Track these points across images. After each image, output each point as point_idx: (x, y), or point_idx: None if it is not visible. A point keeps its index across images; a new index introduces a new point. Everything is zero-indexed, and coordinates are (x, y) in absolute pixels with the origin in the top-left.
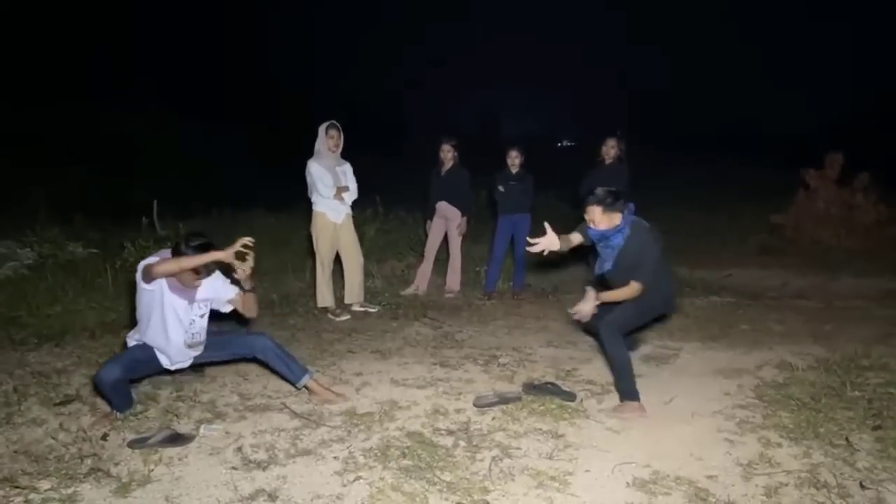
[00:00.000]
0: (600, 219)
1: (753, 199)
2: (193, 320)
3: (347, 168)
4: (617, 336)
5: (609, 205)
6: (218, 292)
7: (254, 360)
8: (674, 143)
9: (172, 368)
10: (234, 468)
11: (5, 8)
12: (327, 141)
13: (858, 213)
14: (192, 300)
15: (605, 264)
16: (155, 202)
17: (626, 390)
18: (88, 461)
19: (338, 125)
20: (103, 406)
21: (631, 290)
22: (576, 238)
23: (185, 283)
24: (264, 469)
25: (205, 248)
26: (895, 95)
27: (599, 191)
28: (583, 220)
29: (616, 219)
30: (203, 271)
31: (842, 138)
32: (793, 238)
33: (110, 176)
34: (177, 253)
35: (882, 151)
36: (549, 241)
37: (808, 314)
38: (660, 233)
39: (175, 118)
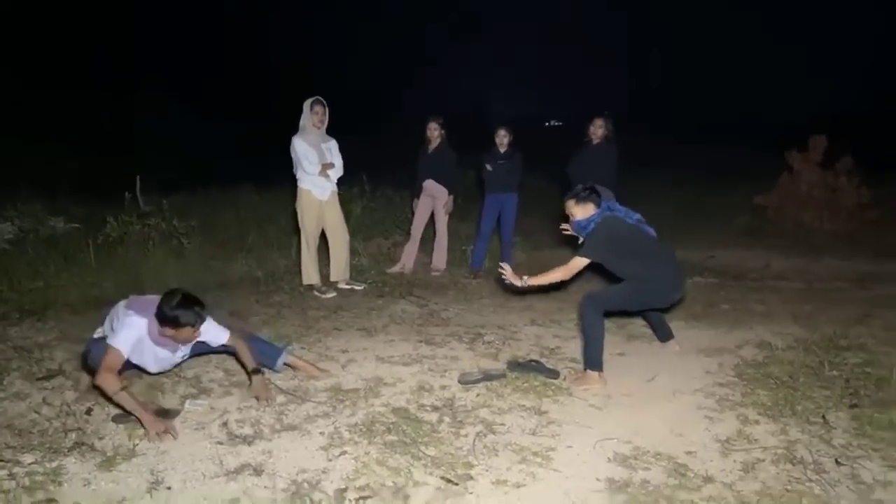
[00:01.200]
0: (574, 210)
1: (742, 182)
2: (175, 362)
3: (333, 145)
4: (595, 307)
5: (582, 197)
6: (209, 339)
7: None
8: (669, 129)
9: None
10: (219, 443)
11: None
12: (312, 117)
13: (841, 195)
14: (175, 350)
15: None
16: (138, 177)
17: (592, 359)
18: (73, 435)
19: (322, 101)
20: (87, 380)
21: (565, 269)
22: None
23: (169, 341)
24: (249, 444)
25: (189, 307)
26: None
27: (577, 187)
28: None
29: (589, 209)
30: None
31: (839, 129)
32: (776, 220)
33: (100, 154)
34: (160, 317)
35: (877, 142)
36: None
37: (789, 295)
38: (648, 225)
39: (171, 103)
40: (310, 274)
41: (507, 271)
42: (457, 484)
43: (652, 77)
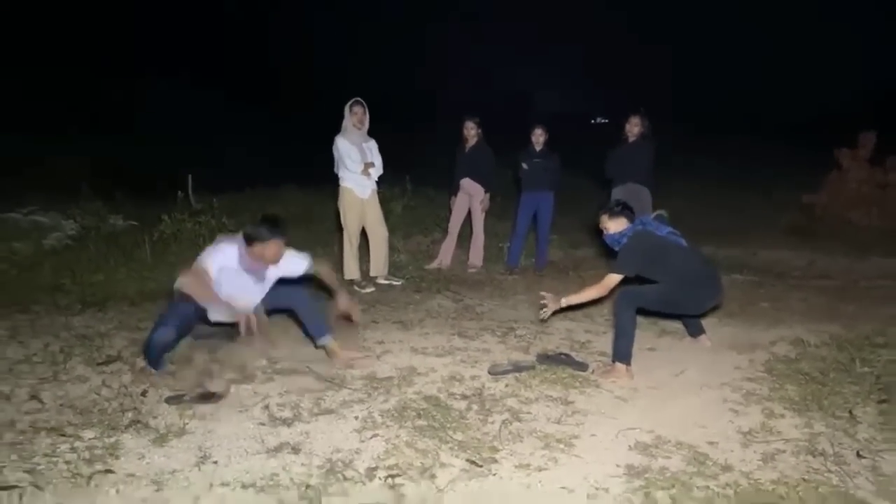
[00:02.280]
0: (607, 224)
1: (786, 178)
2: (257, 292)
3: (373, 145)
4: (629, 303)
5: (615, 212)
6: (291, 268)
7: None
8: (710, 124)
9: (219, 320)
10: (261, 424)
11: None
12: (352, 117)
13: (891, 192)
14: (261, 279)
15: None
16: (190, 177)
17: (621, 351)
18: (129, 414)
19: (362, 102)
20: (142, 365)
21: (600, 286)
22: None
23: (257, 264)
24: (289, 425)
25: (274, 224)
26: None
27: (612, 202)
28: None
29: (622, 224)
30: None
31: (879, 116)
32: (823, 218)
33: (143, 147)
34: (248, 237)
35: None
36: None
37: (830, 293)
38: (683, 237)
39: (205, 94)
40: (351, 269)
41: (547, 297)
42: (481, 466)
43: (690, 73)
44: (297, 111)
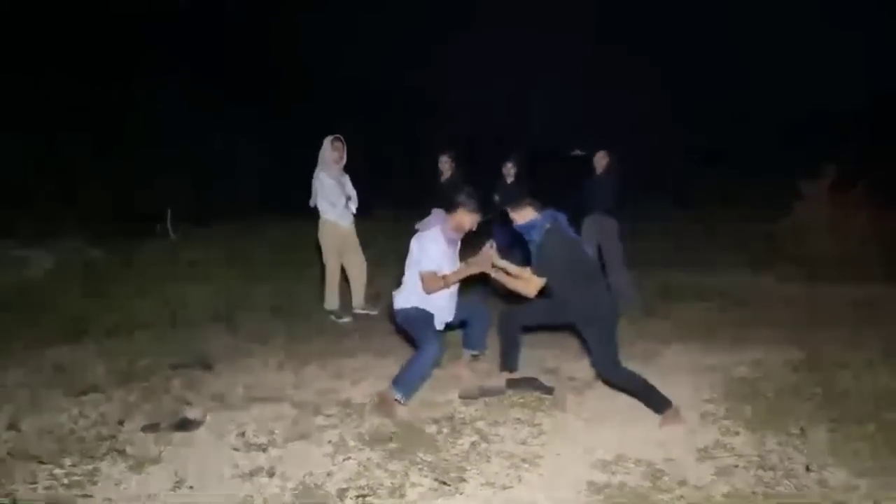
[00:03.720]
0: (514, 215)
1: (751, 208)
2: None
3: (347, 178)
4: (615, 369)
5: (519, 204)
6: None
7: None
8: (684, 153)
9: (440, 329)
10: (236, 450)
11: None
12: (333, 153)
13: (852, 221)
14: (456, 246)
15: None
16: (169, 211)
17: (655, 404)
18: (107, 443)
19: (341, 138)
20: (120, 395)
21: (525, 282)
22: None
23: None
24: (264, 450)
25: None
26: None
27: (514, 194)
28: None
29: (528, 213)
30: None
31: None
32: (786, 246)
33: (129, 167)
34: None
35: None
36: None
37: (791, 319)
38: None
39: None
40: (331, 300)
41: (493, 251)
42: (449, 485)
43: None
44: (296, 110)
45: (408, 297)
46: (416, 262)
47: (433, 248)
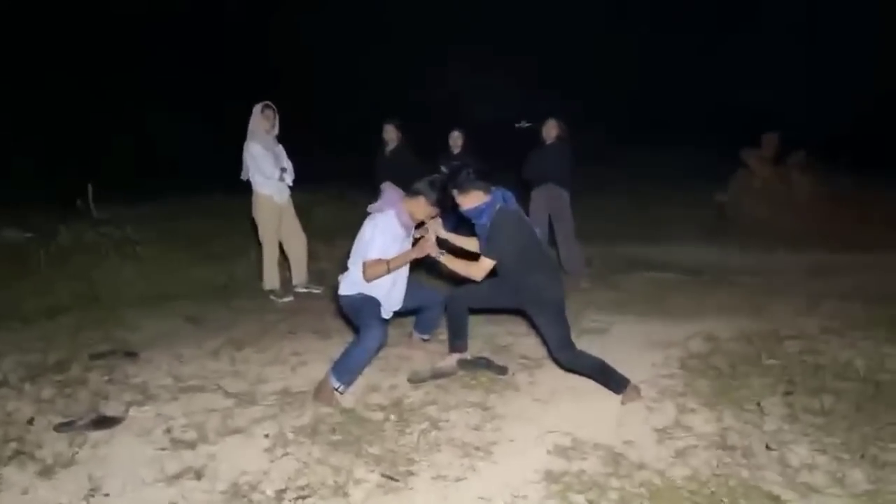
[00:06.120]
0: (460, 199)
1: (703, 180)
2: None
3: (281, 150)
4: (570, 352)
5: (465, 186)
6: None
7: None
8: (637, 128)
9: (387, 318)
10: (161, 448)
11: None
12: (263, 122)
13: (795, 190)
14: (409, 233)
15: (481, 244)
16: (90, 185)
17: (614, 385)
18: (13, 444)
19: (273, 106)
20: (30, 390)
21: (476, 266)
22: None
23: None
24: (193, 448)
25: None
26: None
27: (461, 174)
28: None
29: (476, 197)
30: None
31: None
32: (733, 216)
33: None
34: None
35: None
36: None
37: (741, 289)
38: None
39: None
40: (271, 279)
41: (432, 236)
42: (397, 480)
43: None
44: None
45: (353, 282)
46: (365, 246)
47: (384, 237)
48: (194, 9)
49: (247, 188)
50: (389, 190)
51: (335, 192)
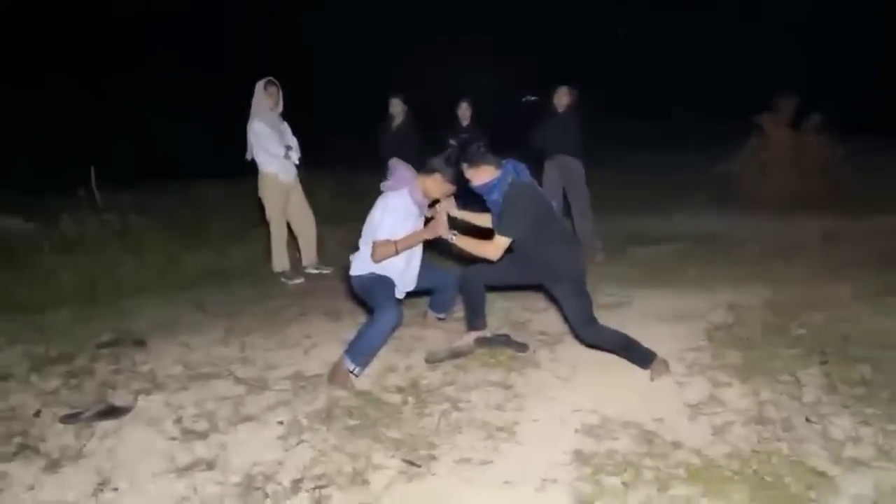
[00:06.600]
0: (470, 174)
1: (713, 148)
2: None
3: (287, 127)
4: (592, 328)
5: (475, 160)
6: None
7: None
8: (644, 100)
9: (400, 298)
10: (172, 439)
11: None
12: (267, 98)
13: (809, 155)
14: (421, 212)
15: (494, 221)
16: (92, 169)
17: (639, 360)
18: (17, 439)
19: (276, 82)
20: (36, 381)
21: (491, 245)
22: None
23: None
24: (204, 438)
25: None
26: None
27: (471, 147)
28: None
29: (487, 172)
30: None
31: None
32: (745, 183)
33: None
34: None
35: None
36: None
37: (756, 257)
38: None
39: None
40: (280, 260)
41: (443, 216)
42: (419, 465)
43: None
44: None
45: (365, 262)
46: (377, 226)
47: (393, 218)
48: (194, 9)
49: (251, 180)
50: (401, 167)
51: (338, 172)
